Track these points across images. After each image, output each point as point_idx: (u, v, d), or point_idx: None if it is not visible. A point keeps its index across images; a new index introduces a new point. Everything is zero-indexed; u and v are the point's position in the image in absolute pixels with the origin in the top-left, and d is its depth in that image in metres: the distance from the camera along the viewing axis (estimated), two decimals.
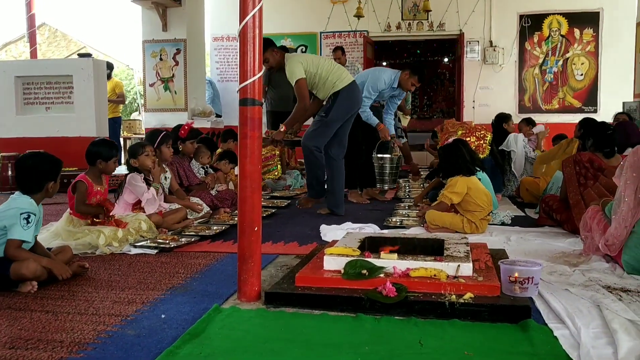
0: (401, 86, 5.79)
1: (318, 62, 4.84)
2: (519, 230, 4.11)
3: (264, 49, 4.48)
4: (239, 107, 2.43)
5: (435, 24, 10.38)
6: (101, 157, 3.80)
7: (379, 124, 5.76)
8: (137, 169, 4.16)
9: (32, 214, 2.71)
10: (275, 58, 4.86)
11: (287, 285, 2.47)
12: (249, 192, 2.43)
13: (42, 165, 2.85)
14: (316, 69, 4.77)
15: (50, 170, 2.86)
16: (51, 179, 2.84)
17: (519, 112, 9.92)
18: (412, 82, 5.73)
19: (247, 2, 2.38)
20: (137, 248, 3.52)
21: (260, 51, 2.43)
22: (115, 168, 3.91)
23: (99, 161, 3.80)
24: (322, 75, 4.78)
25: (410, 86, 5.78)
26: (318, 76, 4.79)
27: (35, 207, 2.76)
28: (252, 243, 2.44)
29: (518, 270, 2.31)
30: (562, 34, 10.14)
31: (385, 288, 2.29)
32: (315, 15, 10.72)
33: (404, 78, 5.72)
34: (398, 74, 5.76)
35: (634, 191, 2.81)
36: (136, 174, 4.13)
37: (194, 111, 8.48)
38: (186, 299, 2.49)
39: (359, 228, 4.05)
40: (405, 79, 5.72)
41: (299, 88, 4.73)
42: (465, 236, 3.08)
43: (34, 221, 2.71)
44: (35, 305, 2.42)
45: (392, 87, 5.80)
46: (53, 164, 2.90)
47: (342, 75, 4.82)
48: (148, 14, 8.36)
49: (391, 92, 5.88)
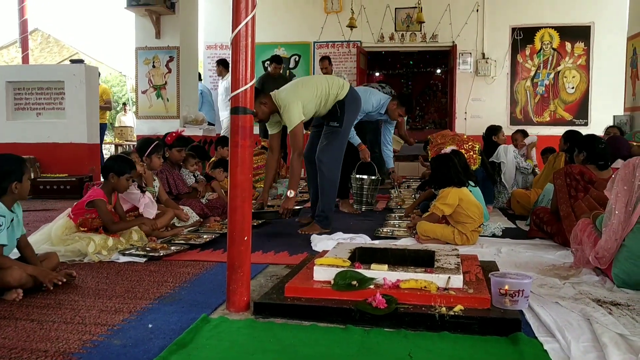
0: (388, 114, 5.72)
1: (314, 85, 4.46)
2: (510, 242, 4.11)
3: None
4: (230, 116, 2.42)
5: (428, 35, 10.43)
6: (113, 171, 3.76)
7: (360, 144, 5.68)
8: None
9: (1, 217, 2.66)
10: (264, 110, 4.35)
11: (276, 296, 2.45)
12: (240, 202, 2.41)
13: (1, 167, 2.75)
14: (316, 93, 4.41)
15: (11, 171, 2.75)
16: (14, 179, 2.73)
17: (510, 124, 9.98)
18: (400, 112, 5.67)
19: (240, 10, 2.38)
20: (125, 256, 3.49)
21: (252, 60, 2.43)
22: (127, 186, 3.86)
23: (111, 175, 3.76)
24: (323, 94, 4.44)
25: (397, 116, 5.72)
26: (320, 97, 4.44)
27: (5, 210, 2.68)
28: (241, 253, 2.42)
29: (508, 282, 2.31)
30: (553, 47, 10.22)
31: (375, 299, 2.27)
32: (308, 25, 10.75)
33: (391, 107, 5.66)
34: (387, 101, 5.70)
35: (625, 204, 2.81)
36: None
37: (186, 119, 8.45)
38: (174, 309, 2.46)
39: (349, 238, 4.03)
40: (392, 108, 5.66)
41: (294, 135, 4.31)
42: (456, 248, 3.07)
43: (5, 223, 2.65)
44: (20, 314, 2.38)
45: (380, 113, 5.72)
46: (13, 163, 2.80)
47: (340, 82, 4.60)
48: (141, 21, 8.34)
49: (378, 116, 5.81)
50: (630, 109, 7.75)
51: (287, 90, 4.40)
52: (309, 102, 4.38)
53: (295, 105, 4.27)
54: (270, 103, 4.35)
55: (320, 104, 4.46)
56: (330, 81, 4.54)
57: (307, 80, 4.59)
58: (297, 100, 4.30)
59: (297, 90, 4.39)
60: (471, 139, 5.55)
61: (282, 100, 4.32)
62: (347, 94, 4.52)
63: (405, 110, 5.72)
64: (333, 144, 4.50)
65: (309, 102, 4.38)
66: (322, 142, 4.55)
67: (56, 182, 7.15)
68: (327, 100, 4.46)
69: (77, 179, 7.16)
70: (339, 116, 4.50)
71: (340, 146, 4.55)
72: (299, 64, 10.89)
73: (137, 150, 4.60)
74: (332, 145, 4.50)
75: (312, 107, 4.43)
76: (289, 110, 4.27)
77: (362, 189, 5.80)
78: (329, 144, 4.51)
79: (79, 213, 3.69)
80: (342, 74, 9.01)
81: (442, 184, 4.08)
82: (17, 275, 2.59)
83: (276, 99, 4.35)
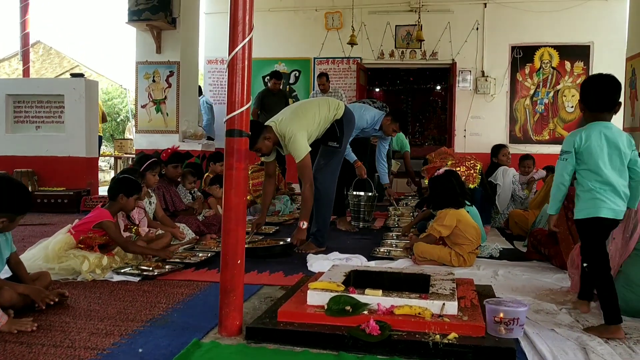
0: (382, 130, 5.73)
1: (315, 111, 4.42)
2: (507, 264, 4.08)
3: (254, 138, 4.07)
4: (226, 138, 2.41)
5: (428, 52, 10.46)
6: (123, 192, 3.78)
7: (356, 161, 5.71)
8: None
9: None
10: (267, 145, 4.30)
11: (269, 320, 2.43)
12: (234, 225, 2.39)
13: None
14: (317, 119, 4.39)
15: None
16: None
17: (510, 142, 9.96)
18: (394, 128, 5.67)
19: (237, 33, 2.38)
20: (119, 275, 3.46)
21: (249, 83, 2.42)
22: (134, 206, 3.86)
23: (120, 196, 3.77)
24: (322, 118, 4.42)
25: (391, 132, 5.73)
26: (320, 123, 4.42)
27: None
28: (234, 276, 2.39)
29: (503, 310, 2.28)
30: (553, 66, 10.24)
31: (369, 326, 2.25)
32: (309, 41, 10.78)
33: (385, 123, 5.67)
34: (381, 117, 5.71)
35: (622, 230, 2.80)
36: None
37: (185, 133, 8.45)
38: (166, 332, 2.44)
39: (345, 259, 4.01)
40: (387, 124, 5.66)
41: (303, 167, 4.22)
42: (451, 272, 3.05)
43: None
44: (9, 336, 2.35)
45: (374, 128, 5.74)
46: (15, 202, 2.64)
47: (336, 103, 4.58)
48: (142, 36, 8.36)
49: (373, 132, 5.82)
50: (629, 129, 7.74)
51: (289, 119, 4.32)
52: (313, 131, 4.37)
53: (301, 136, 4.21)
54: (273, 136, 4.29)
55: (321, 129, 4.46)
56: (330, 104, 4.52)
57: (307, 107, 4.49)
58: (303, 131, 4.25)
59: (299, 119, 4.32)
60: (473, 157, 5.53)
61: (286, 131, 4.24)
62: (344, 113, 4.53)
63: (399, 126, 5.74)
64: (330, 163, 4.51)
65: (313, 131, 4.36)
66: (320, 161, 4.53)
67: (53, 195, 7.12)
68: (326, 120, 4.46)
69: (74, 192, 7.14)
70: (338, 136, 4.49)
71: (337, 165, 4.57)
72: (299, 80, 10.91)
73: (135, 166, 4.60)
74: (330, 165, 4.50)
75: (314, 135, 4.42)
76: (295, 141, 4.20)
77: (359, 205, 5.81)
78: (326, 164, 4.50)
79: (83, 231, 3.65)
80: (339, 90, 9.02)
81: (440, 205, 4.07)
82: (8, 296, 2.56)
83: (277, 129, 4.29)
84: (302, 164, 4.22)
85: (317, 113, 4.40)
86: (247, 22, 2.38)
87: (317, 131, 4.43)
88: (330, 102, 4.56)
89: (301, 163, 4.22)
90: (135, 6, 7.96)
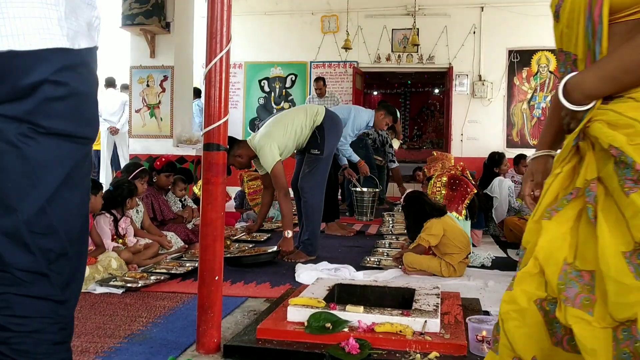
0: (375, 125, 5.97)
1: (287, 121, 4.38)
2: (498, 274, 4.02)
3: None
4: (203, 152, 2.36)
5: (425, 56, 10.41)
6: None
7: (360, 161, 6.01)
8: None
9: None
10: (240, 162, 4.41)
11: (247, 337, 2.38)
12: (211, 240, 2.34)
13: None
14: (290, 128, 4.36)
15: None
16: None
17: (507, 147, 9.91)
18: (387, 121, 5.91)
19: (214, 45, 2.34)
20: (102, 287, 3.40)
21: (226, 95, 2.37)
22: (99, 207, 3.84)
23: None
24: (298, 127, 4.38)
25: (384, 125, 5.97)
26: (296, 132, 4.38)
27: None
28: (212, 293, 2.34)
29: (486, 329, 2.23)
30: (550, 70, 10.20)
31: (349, 344, 2.20)
32: (305, 44, 10.73)
33: (378, 118, 5.89)
34: (373, 114, 5.92)
35: None
36: (104, 215, 4.00)
37: (179, 138, 8.40)
38: (142, 349, 2.39)
39: (334, 269, 3.95)
40: (380, 119, 5.89)
41: (275, 177, 4.27)
42: (437, 285, 2.99)
43: None
44: None
45: (368, 126, 5.99)
46: None
47: (314, 109, 4.50)
48: (136, 40, 8.31)
49: (366, 129, 6.12)
50: None
51: (261, 133, 4.38)
52: (288, 140, 4.36)
53: (268, 148, 4.23)
54: (245, 152, 4.37)
55: (299, 138, 4.43)
56: (308, 111, 4.50)
57: (279, 119, 4.48)
58: (270, 142, 4.25)
59: (269, 131, 4.35)
60: (459, 164, 5.45)
61: (257, 145, 4.31)
62: (325, 119, 4.46)
63: (392, 119, 5.99)
64: (314, 171, 4.47)
65: (287, 140, 4.35)
66: (304, 169, 4.52)
67: None
68: (305, 127, 4.43)
69: None
70: (319, 143, 4.45)
71: (322, 172, 4.53)
72: (295, 84, 10.86)
73: (124, 173, 4.56)
74: (313, 173, 4.47)
75: (291, 144, 4.41)
76: (263, 154, 4.26)
77: (363, 200, 6.16)
78: (310, 172, 4.48)
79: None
80: (335, 94, 8.97)
81: (422, 220, 4.02)
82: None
83: (252, 144, 4.36)
84: (273, 173, 4.27)
85: (289, 123, 4.38)
86: (225, 33, 2.34)
87: (294, 141, 4.40)
88: (308, 109, 4.54)
89: (272, 173, 4.27)
90: (129, 11, 7.91)
